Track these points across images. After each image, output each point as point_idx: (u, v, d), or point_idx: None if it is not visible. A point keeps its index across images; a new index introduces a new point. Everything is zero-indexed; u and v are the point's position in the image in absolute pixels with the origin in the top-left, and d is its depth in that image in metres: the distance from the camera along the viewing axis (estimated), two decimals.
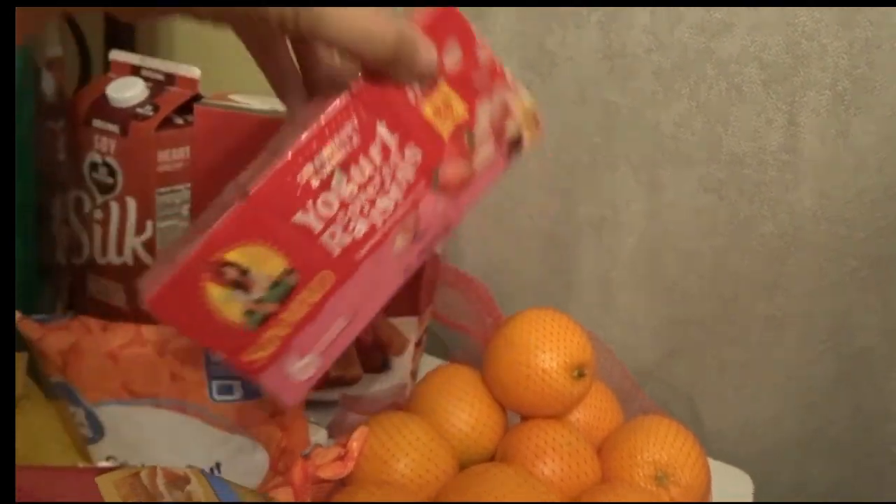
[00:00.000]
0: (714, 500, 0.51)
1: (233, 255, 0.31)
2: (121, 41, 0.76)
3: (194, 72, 0.60)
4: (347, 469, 0.45)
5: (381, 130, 0.33)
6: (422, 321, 0.54)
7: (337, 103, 0.32)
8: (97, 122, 0.59)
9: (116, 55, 0.63)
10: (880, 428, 0.64)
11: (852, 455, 0.66)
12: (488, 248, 0.73)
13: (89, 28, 0.75)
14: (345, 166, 0.32)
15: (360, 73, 0.32)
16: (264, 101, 0.50)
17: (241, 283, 0.32)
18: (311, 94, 0.37)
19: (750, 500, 0.60)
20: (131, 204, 0.59)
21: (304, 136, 0.32)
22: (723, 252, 0.64)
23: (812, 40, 0.56)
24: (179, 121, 0.60)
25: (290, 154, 0.32)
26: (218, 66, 0.80)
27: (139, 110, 0.59)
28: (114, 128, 0.58)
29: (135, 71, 0.62)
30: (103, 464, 0.30)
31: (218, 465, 0.39)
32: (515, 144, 0.37)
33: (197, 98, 0.58)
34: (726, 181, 0.62)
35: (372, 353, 0.54)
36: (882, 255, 0.59)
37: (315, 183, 0.32)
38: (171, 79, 0.61)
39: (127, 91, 0.59)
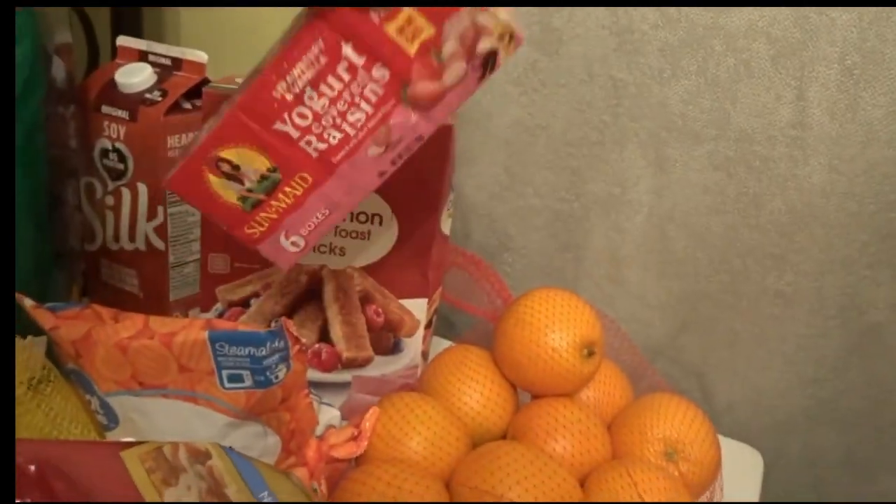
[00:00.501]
0: (724, 477, 0.51)
1: (226, 153, 0.39)
2: (128, 27, 0.77)
3: (201, 56, 0.60)
4: (361, 448, 0.45)
5: (347, 51, 0.36)
6: (431, 302, 0.55)
7: (303, 28, 0.36)
8: (106, 109, 0.59)
9: (123, 41, 0.63)
10: (891, 400, 0.65)
11: (863, 428, 0.67)
12: (496, 227, 0.74)
13: (96, 15, 0.75)
14: (314, 83, 0.37)
15: None
16: None
17: (233, 175, 0.39)
18: None
19: (760, 476, 0.61)
20: (142, 190, 0.60)
21: (275, 57, 0.37)
22: (732, 228, 0.64)
23: (821, 14, 0.55)
24: (188, 105, 0.60)
25: (264, 72, 0.37)
26: (225, 51, 0.80)
27: (147, 95, 0.59)
28: (123, 114, 0.59)
29: (142, 56, 0.62)
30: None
31: (231, 449, 0.40)
32: (489, 60, 0.37)
33: (205, 82, 0.58)
34: (735, 158, 0.62)
35: (383, 335, 0.55)
36: (892, 229, 0.59)
37: (289, 97, 0.37)
38: (178, 63, 0.61)
39: (135, 77, 0.59)
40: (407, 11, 0.35)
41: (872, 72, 0.55)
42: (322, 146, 0.39)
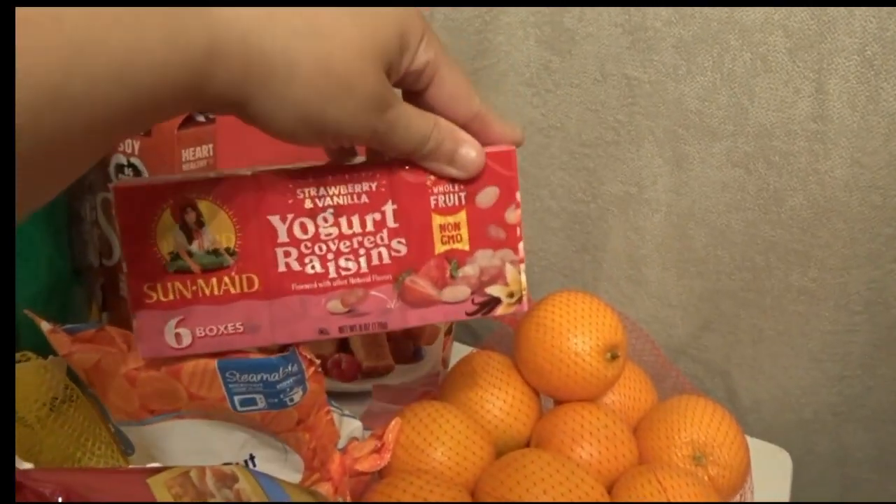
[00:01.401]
0: (754, 478, 0.50)
1: (204, 205, 0.34)
2: None
3: None
4: (384, 461, 0.45)
5: (387, 209, 0.35)
6: None
7: (370, 164, 0.35)
8: None
9: None
10: None
11: (892, 425, 0.65)
12: None
13: None
14: (339, 211, 0.35)
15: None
16: None
17: (188, 228, 0.34)
18: None
19: (789, 476, 0.60)
20: None
21: (326, 164, 0.35)
22: (753, 225, 0.63)
23: (839, 4, 0.54)
24: (202, 118, 0.60)
25: (304, 167, 0.34)
26: None
27: None
28: None
29: None
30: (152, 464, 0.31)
31: (252, 458, 0.40)
32: (489, 305, 0.37)
33: None
34: (754, 154, 0.61)
35: (403, 343, 0.54)
36: None
37: (307, 204, 0.34)
38: None
39: None
40: (461, 216, 0.35)
41: (894, 62, 0.54)
42: (295, 266, 0.35)
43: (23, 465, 0.31)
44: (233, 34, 0.26)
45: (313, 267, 0.35)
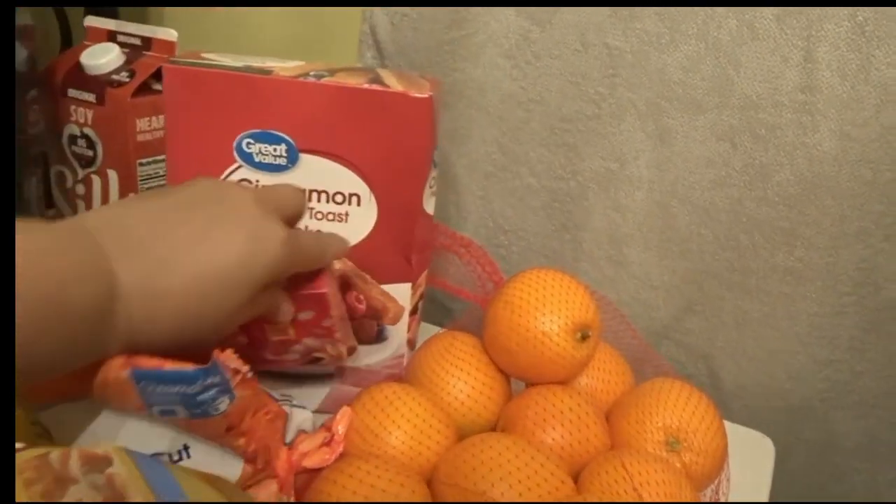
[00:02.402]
0: (733, 466, 0.48)
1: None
2: (103, 9, 0.74)
3: (171, 34, 0.57)
4: (335, 454, 0.43)
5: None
6: (416, 287, 0.52)
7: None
8: (73, 92, 0.57)
9: (91, 21, 0.60)
10: None
11: (882, 410, 0.63)
12: (491, 208, 0.70)
13: None
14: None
15: None
16: (237, 59, 0.47)
17: None
18: None
19: (771, 464, 0.57)
20: (113, 177, 0.57)
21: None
22: (738, 202, 0.60)
23: None
24: (158, 87, 0.57)
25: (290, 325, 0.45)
26: (206, 31, 0.77)
27: (115, 77, 0.56)
28: (90, 97, 0.56)
29: (111, 37, 0.59)
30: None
31: (186, 448, 0.37)
32: (316, 360, 0.48)
33: None
34: (739, 127, 0.58)
35: (366, 323, 0.52)
36: None
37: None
38: (147, 43, 0.58)
39: (101, 57, 0.56)
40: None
41: (886, 27, 0.51)
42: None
43: None
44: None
45: None
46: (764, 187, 0.58)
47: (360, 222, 0.49)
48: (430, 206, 0.51)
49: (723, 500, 0.46)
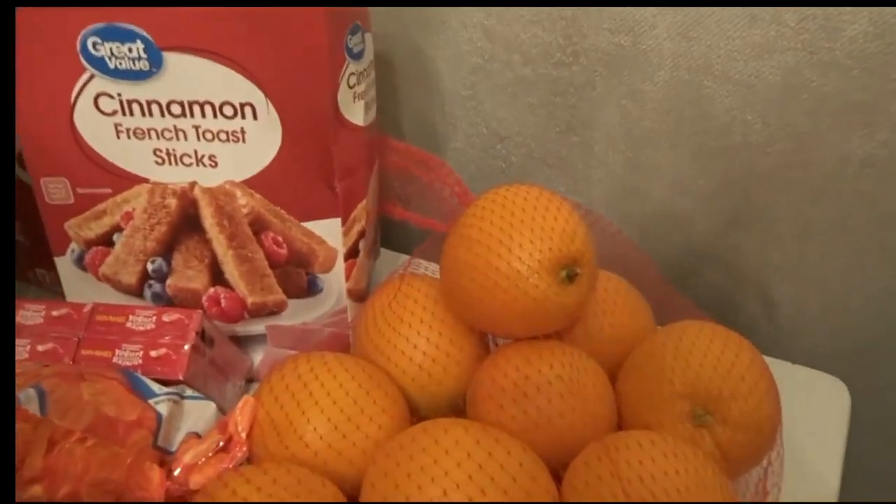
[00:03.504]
0: (801, 415, 0.35)
1: None
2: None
3: None
4: (235, 460, 0.32)
5: None
6: (350, 223, 0.39)
7: None
8: None
9: None
10: None
11: None
12: (482, 110, 0.57)
13: None
14: None
15: None
16: None
17: None
18: None
19: (847, 411, 0.44)
20: None
21: None
22: (794, 72, 0.45)
23: None
24: None
25: None
26: None
27: None
28: None
29: None
30: None
31: None
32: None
33: None
34: None
35: (292, 271, 0.40)
36: None
37: None
38: None
39: None
40: None
41: None
42: None
43: None
44: None
45: None
46: (831, 47, 0.43)
47: (261, 141, 0.37)
48: (356, 113, 0.38)
49: (773, 492, 0.32)
